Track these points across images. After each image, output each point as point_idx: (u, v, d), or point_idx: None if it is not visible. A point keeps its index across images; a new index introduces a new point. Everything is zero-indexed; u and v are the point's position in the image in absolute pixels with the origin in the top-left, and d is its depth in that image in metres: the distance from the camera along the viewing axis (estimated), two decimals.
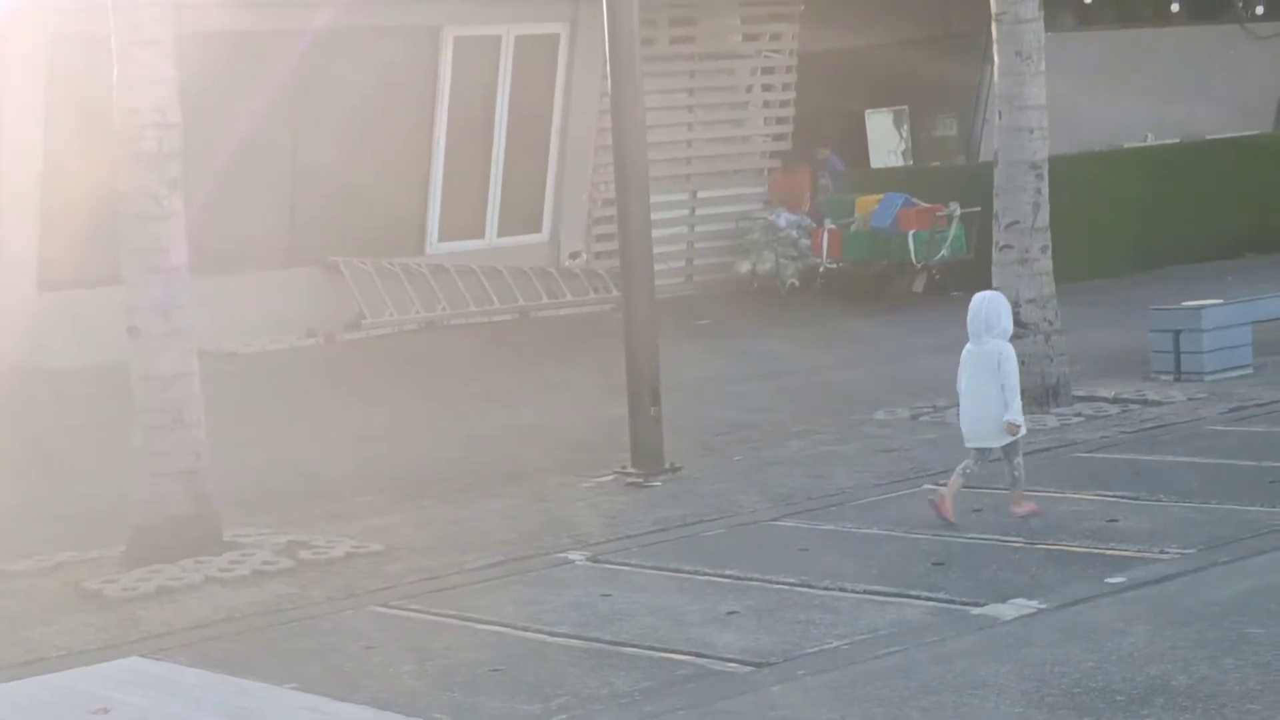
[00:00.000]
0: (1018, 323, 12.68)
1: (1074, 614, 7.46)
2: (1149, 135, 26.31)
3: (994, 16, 13.17)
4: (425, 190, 20.99)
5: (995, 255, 13.09)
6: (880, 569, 8.59)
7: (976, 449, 9.58)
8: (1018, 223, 12.93)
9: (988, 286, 19.40)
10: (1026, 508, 9.44)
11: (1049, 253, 12.98)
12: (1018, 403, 9.50)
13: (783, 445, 12.28)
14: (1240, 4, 28.45)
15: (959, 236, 20.93)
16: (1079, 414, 12.48)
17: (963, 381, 9.69)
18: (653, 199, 12.30)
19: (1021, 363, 12.57)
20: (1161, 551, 8.50)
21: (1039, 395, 12.68)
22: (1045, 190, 12.98)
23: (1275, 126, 28.77)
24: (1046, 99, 13.06)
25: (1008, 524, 9.33)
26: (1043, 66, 13.03)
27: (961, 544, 9.01)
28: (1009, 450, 9.49)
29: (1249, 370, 13.80)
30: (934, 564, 8.60)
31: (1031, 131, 12.97)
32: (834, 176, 23.92)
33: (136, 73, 9.67)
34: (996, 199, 13.15)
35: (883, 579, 8.36)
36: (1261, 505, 9.33)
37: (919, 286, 21.14)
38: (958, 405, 12.98)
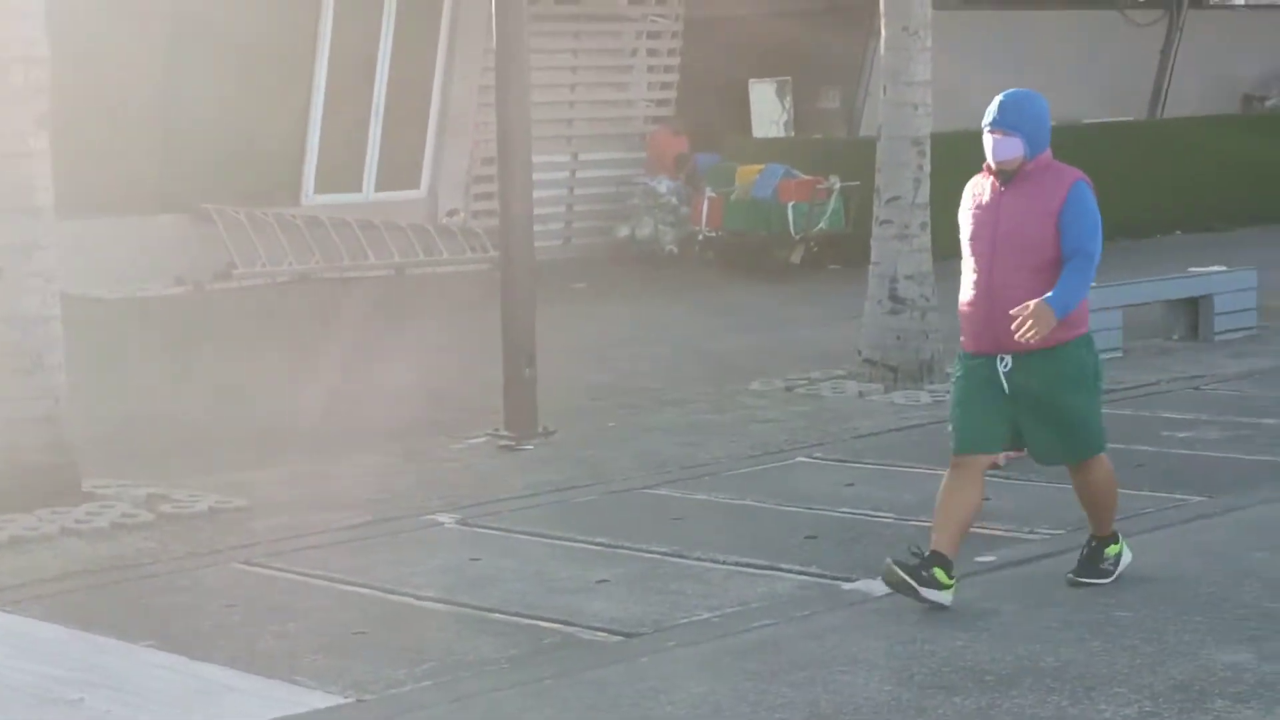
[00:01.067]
0: (894, 298, 12.79)
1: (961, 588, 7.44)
2: None
3: None
4: (303, 141, 20.65)
5: (875, 230, 13.10)
6: (753, 541, 8.54)
7: None
8: (898, 198, 12.94)
9: (865, 261, 19.54)
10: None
11: (928, 229, 13.00)
12: None
13: (658, 412, 12.21)
14: None
15: (838, 210, 20.94)
16: (950, 393, 12.47)
17: None
18: (534, 160, 12.15)
19: (896, 338, 12.74)
20: (1031, 531, 8.54)
21: (913, 372, 12.72)
22: (927, 167, 13.00)
23: (1150, 113, 29.09)
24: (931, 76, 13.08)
25: (879, 499, 9.33)
26: (929, 42, 13.04)
27: (834, 518, 8.99)
28: None
29: (1119, 353, 13.89)
30: (806, 538, 8.57)
31: (915, 107, 12.97)
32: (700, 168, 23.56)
33: (2, 3, 9.37)
34: (878, 173, 13.14)
35: (755, 551, 8.31)
36: (1128, 488, 9.31)
37: (796, 258, 21.13)
38: (833, 378, 13.11)
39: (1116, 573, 7.41)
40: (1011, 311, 7.00)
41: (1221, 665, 6.27)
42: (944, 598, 7.06)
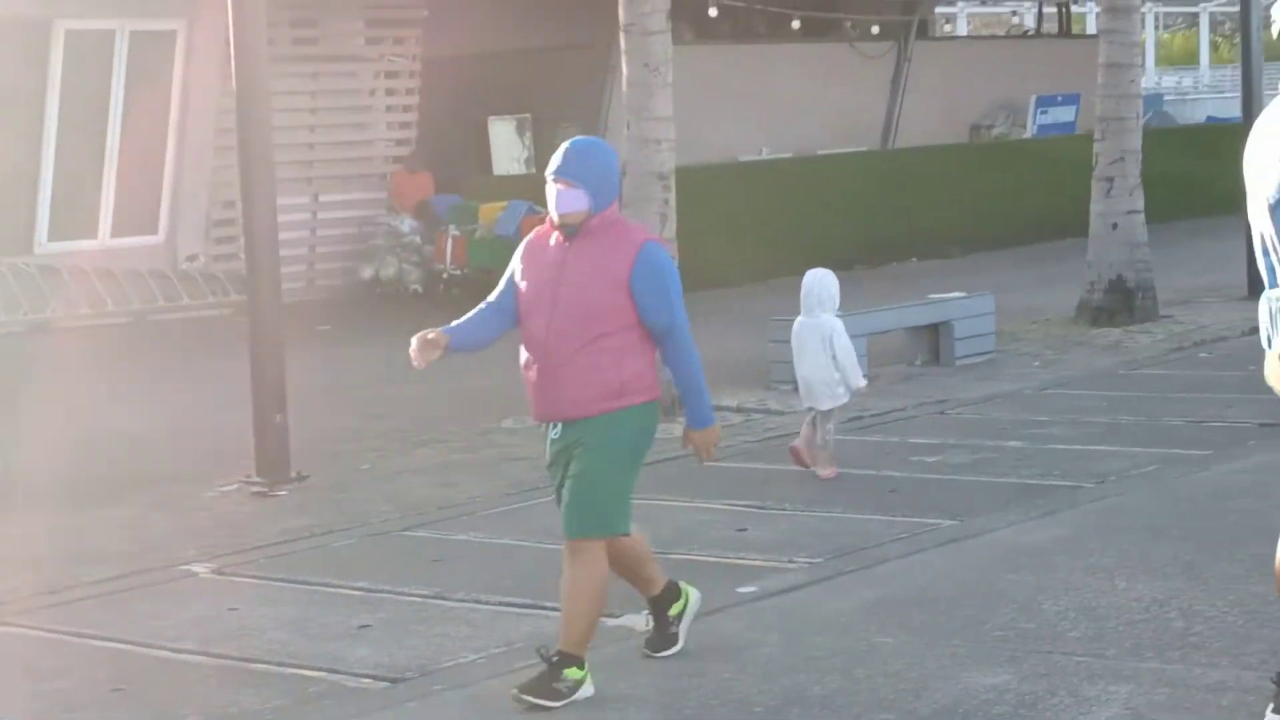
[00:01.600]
0: None
1: (708, 624, 7.48)
2: (764, 149, 26.90)
3: (622, 27, 13.24)
4: (34, 187, 20.16)
5: None
6: (515, 580, 8.51)
7: (814, 409, 10.58)
8: None
9: None
10: (829, 472, 10.47)
11: (676, 263, 13.05)
12: (857, 370, 10.68)
13: (411, 453, 12.11)
14: (849, 25, 29.32)
15: None
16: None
17: (795, 350, 10.65)
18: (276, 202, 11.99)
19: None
20: (790, 561, 8.63)
21: (667, 405, 12.73)
22: (672, 201, 13.11)
23: (882, 144, 29.75)
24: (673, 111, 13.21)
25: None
26: (670, 78, 13.16)
27: None
28: (826, 415, 10.48)
29: (864, 380, 14.10)
30: None
31: (659, 143, 13.08)
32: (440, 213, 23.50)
33: None
34: (625, 209, 13.16)
35: (518, 590, 8.28)
36: (882, 514, 9.56)
37: None
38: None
39: (568, 700, 6.45)
40: (684, 447, 6.74)
41: (983, 688, 6.39)
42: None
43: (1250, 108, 19.81)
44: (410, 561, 9.05)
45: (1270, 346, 5.50)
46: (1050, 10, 37.63)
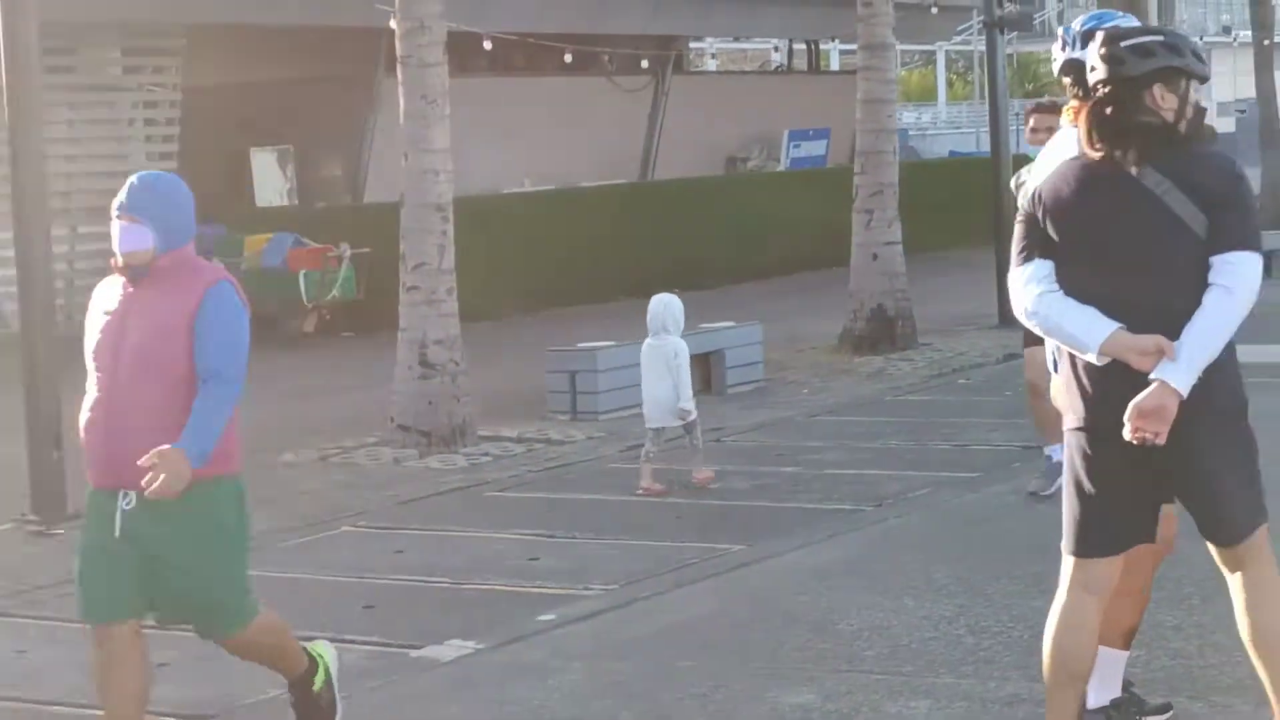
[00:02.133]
0: (425, 363, 12.91)
1: (512, 653, 7.57)
2: (526, 181, 27.06)
3: (399, 59, 13.28)
4: None
5: (403, 296, 13.17)
6: (311, 613, 8.45)
7: (653, 429, 11.05)
8: (424, 264, 13.06)
9: (378, 327, 19.58)
10: (704, 475, 11.04)
11: (455, 294, 13.16)
12: (689, 391, 11.05)
13: None
14: (608, 59, 29.64)
15: (349, 277, 20.97)
16: (486, 454, 12.69)
17: (643, 370, 11.16)
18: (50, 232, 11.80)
19: (429, 403, 12.85)
20: (585, 588, 8.73)
21: (447, 436, 12.84)
22: (451, 232, 13.17)
23: (641, 176, 30.11)
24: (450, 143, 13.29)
25: (431, 564, 9.39)
26: (447, 110, 13.23)
27: (388, 586, 9.02)
28: (689, 428, 11.02)
29: (639, 410, 14.30)
30: (365, 607, 8.58)
31: (437, 174, 13.14)
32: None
33: None
34: (403, 240, 13.24)
35: (315, 624, 8.22)
36: (671, 540, 9.72)
37: (310, 326, 21.05)
38: (366, 445, 13.14)
39: (336, 689, 6.36)
40: (140, 462, 5.63)
41: (789, 707, 6.56)
42: None
43: (998, 143, 20.51)
44: None
45: (1057, 371, 5.76)
46: (800, 47, 38.46)
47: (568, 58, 27.12)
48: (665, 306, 11.23)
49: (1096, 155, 5.16)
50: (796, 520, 10.04)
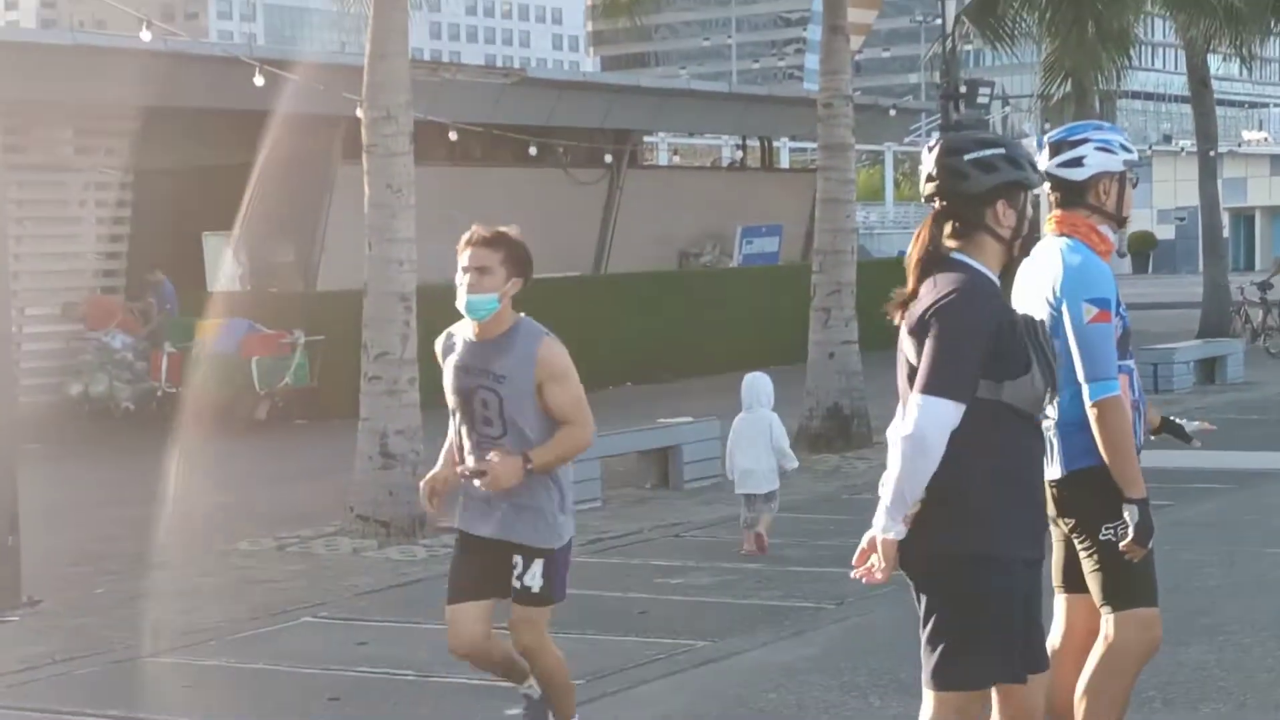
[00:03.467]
0: (385, 453, 12.85)
1: None
2: None
3: (365, 148, 13.30)
4: None
5: (364, 385, 13.13)
6: (275, 705, 8.40)
7: (745, 495, 12.07)
8: (387, 354, 13.03)
9: (331, 415, 19.55)
10: (753, 548, 11.94)
11: (416, 384, 13.13)
12: (790, 453, 12.25)
13: (146, 577, 11.83)
14: (561, 150, 29.76)
15: (303, 364, 20.92)
16: (446, 545, 12.49)
17: (734, 442, 12.13)
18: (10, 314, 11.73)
19: (389, 493, 12.78)
20: None
21: (406, 526, 12.77)
22: (413, 322, 13.15)
23: (594, 268, 30.19)
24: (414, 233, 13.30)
25: (396, 657, 9.31)
26: (413, 200, 13.26)
27: (354, 678, 8.92)
28: (769, 496, 12.06)
29: (598, 503, 14.31)
30: (330, 699, 8.48)
31: (401, 264, 13.14)
32: (166, 299, 23.37)
33: None
34: (366, 329, 13.20)
35: (279, 715, 8.19)
36: (635, 635, 9.68)
37: (262, 414, 20.96)
38: (324, 535, 13.04)
39: None
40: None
41: None
42: None
43: None
44: (162, 688, 8.85)
45: (1049, 476, 5.79)
46: (753, 144, 38.73)
47: (532, 150, 27.23)
48: (759, 383, 12.26)
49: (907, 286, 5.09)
50: (760, 617, 10.00)
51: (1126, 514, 5.54)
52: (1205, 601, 9.56)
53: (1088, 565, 5.80)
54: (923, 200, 5.16)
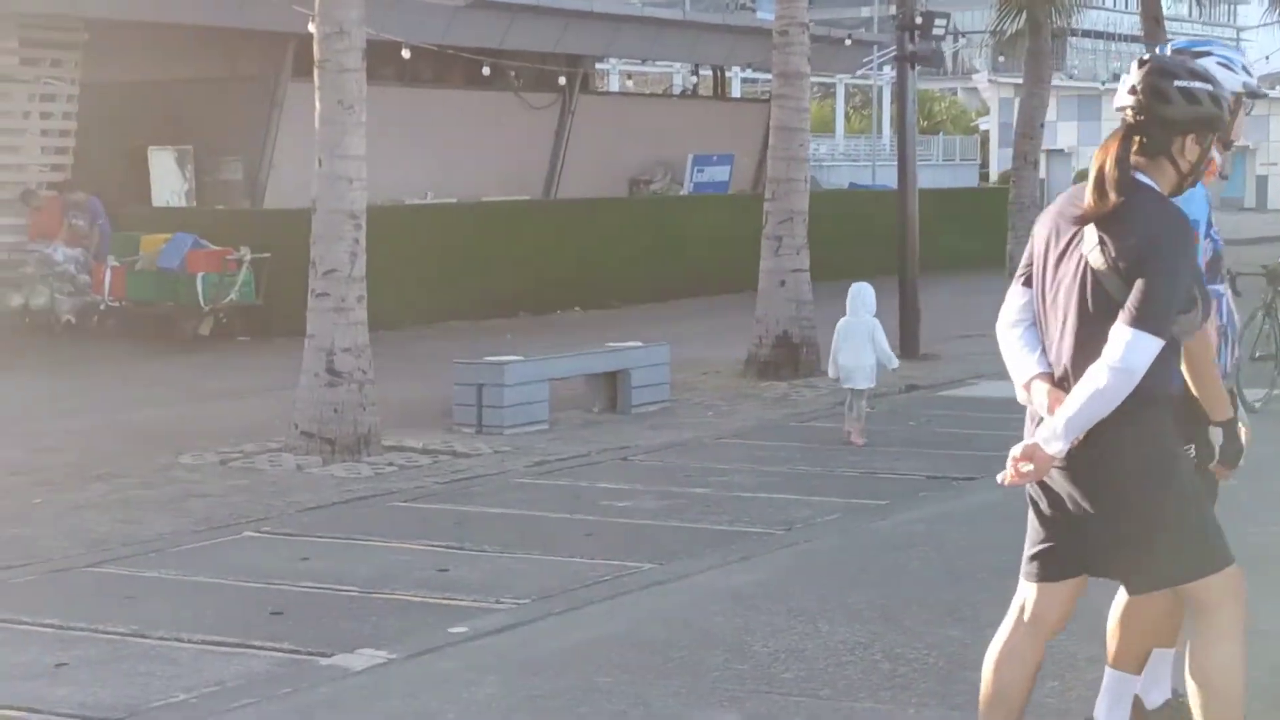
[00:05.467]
0: (332, 370, 12.74)
1: (424, 664, 7.44)
2: (429, 193, 26.89)
3: (317, 63, 13.11)
4: None
5: (311, 302, 12.98)
6: (216, 618, 8.30)
7: (851, 389, 13.40)
8: (335, 271, 12.89)
9: (276, 333, 19.45)
10: (861, 440, 13.29)
11: (364, 302, 13.00)
12: (891, 354, 13.67)
13: (86, 488, 11.71)
14: (514, 74, 29.51)
15: (248, 282, 20.72)
16: (391, 464, 12.53)
17: (839, 342, 13.47)
18: None
19: (334, 411, 12.68)
20: (497, 601, 8.60)
21: (351, 444, 12.67)
22: (363, 240, 13.01)
23: (545, 193, 30.00)
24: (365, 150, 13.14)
25: (339, 572, 9.23)
26: (364, 117, 13.08)
27: (297, 593, 8.83)
28: (860, 394, 13.41)
29: (545, 426, 14.25)
30: (272, 613, 8.39)
31: (351, 181, 12.98)
32: (96, 215, 22.83)
33: None
34: (314, 246, 13.05)
35: (220, 628, 8.09)
36: (581, 556, 9.62)
37: (206, 330, 20.77)
38: (268, 450, 12.94)
39: None
40: None
41: None
42: None
43: (905, 176, 20.57)
44: (101, 598, 8.75)
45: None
46: (706, 74, 38.54)
47: (485, 70, 27.00)
48: (862, 290, 13.54)
49: (1090, 206, 4.99)
50: (708, 541, 9.97)
51: (1212, 436, 5.43)
52: None
53: None
54: (1115, 109, 5.10)
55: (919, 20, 19.89)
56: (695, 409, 15.53)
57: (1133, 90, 5.04)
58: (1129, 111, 5.05)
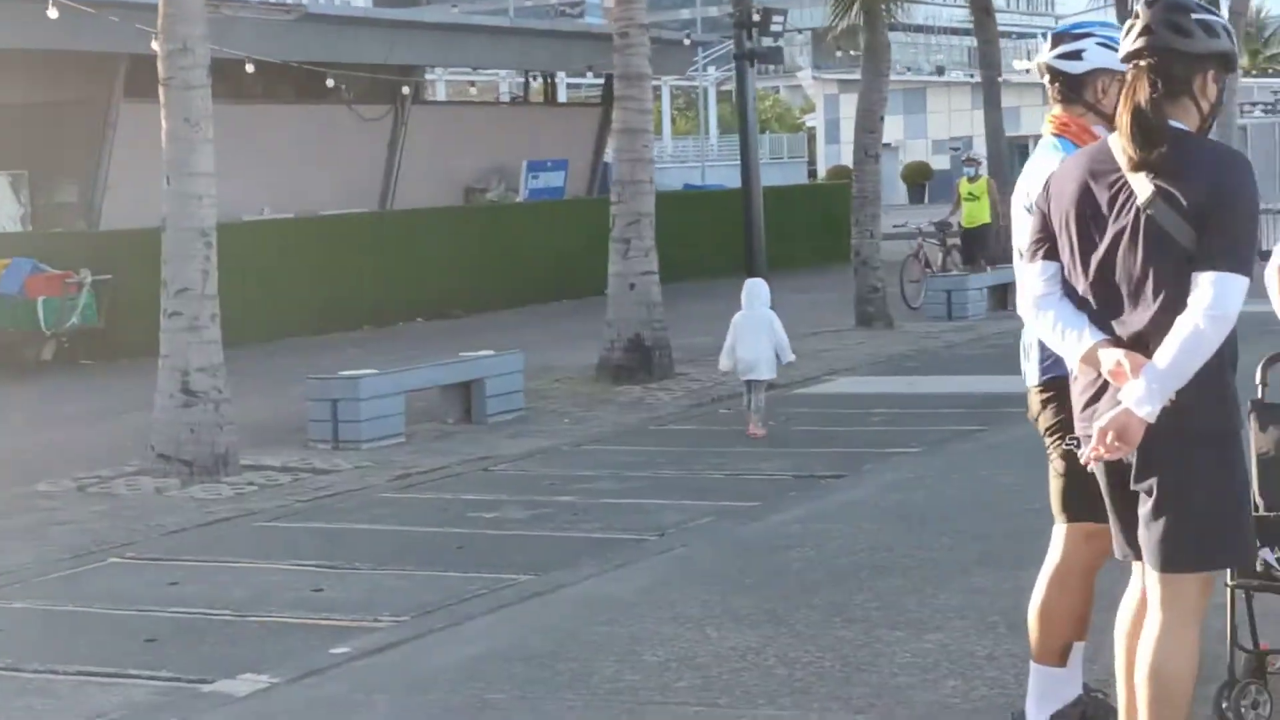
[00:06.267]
0: (187, 391, 12.54)
1: (310, 686, 7.32)
2: (266, 209, 26.57)
3: (161, 81, 12.88)
4: None
5: (164, 322, 12.75)
6: (90, 648, 8.12)
7: (749, 381, 13.74)
8: (187, 290, 12.68)
9: (121, 355, 19.11)
10: (761, 431, 13.68)
11: (218, 320, 12.80)
12: (788, 346, 13.86)
13: None
14: (344, 88, 29.24)
15: (90, 304, 20.34)
16: (251, 483, 12.35)
17: (737, 336, 13.74)
18: None
19: (191, 431, 12.47)
20: (376, 620, 8.49)
21: (210, 465, 12.47)
22: (214, 258, 12.82)
23: (381, 205, 29.78)
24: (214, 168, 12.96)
25: (210, 596, 9.07)
26: (211, 134, 12.89)
27: (169, 619, 8.66)
28: (759, 385, 13.78)
29: (402, 439, 14.12)
30: (147, 640, 8.22)
31: (200, 199, 12.78)
32: None
33: None
34: (165, 265, 12.82)
35: (96, 658, 7.91)
36: (456, 570, 9.54)
37: (48, 355, 20.35)
38: (124, 474, 12.69)
39: None
40: None
41: None
42: None
43: (749, 175, 20.70)
44: None
45: (1025, 380, 5.77)
46: (536, 80, 38.52)
47: (330, 83, 26.74)
48: (757, 285, 13.95)
49: (1134, 157, 4.76)
50: (581, 550, 9.91)
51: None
52: (1037, 524, 9.64)
53: (1050, 472, 5.73)
54: (1121, 58, 4.90)
55: (757, 18, 20.00)
56: (551, 416, 15.48)
57: (1147, 30, 4.82)
58: (1140, 56, 4.82)
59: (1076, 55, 5.59)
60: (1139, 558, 5.01)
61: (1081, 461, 4.99)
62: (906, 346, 20.35)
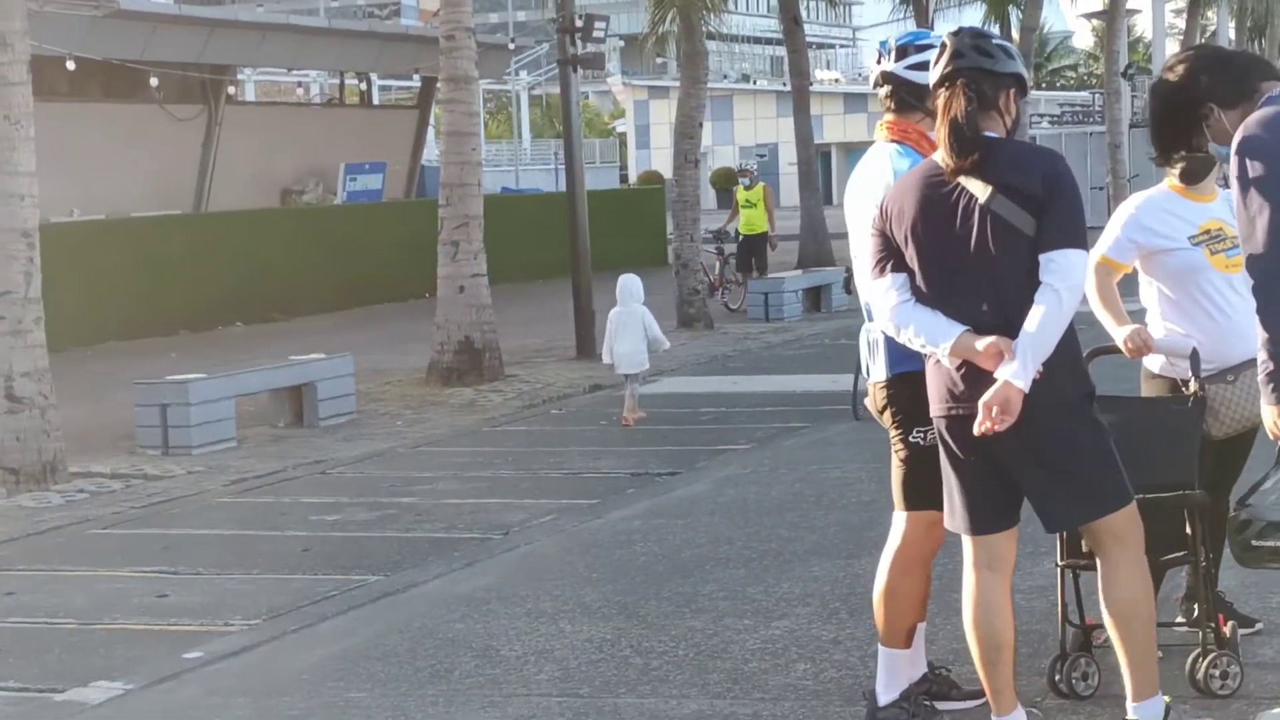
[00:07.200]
0: (11, 397, 12.26)
1: (165, 692, 7.22)
2: (75, 211, 26.07)
3: None
4: None
5: None
6: None
7: (625, 374, 14.48)
8: (10, 293, 12.42)
9: None
10: (638, 415, 14.36)
11: (42, 324, 12.54)
12: (661, 336, 14.59)
13: None
14: (155, 87, 28.80)
15: None
16: (82, 490, 12.12)
17: (613, 331, 14.46)
18: None
19: (17, 439, 12.21)
20: (226, 624, 8.38)
21: (38, 473, 12.21)
22: (38, 260, 12.56)
23: (195, 206, 29.37)
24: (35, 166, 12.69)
25: (51, 605, 8.89)
26: (33, 132, 12.64)
27: (9, 629, 8.47)
28: (635, 377, 14.53)
29: (234, 443, 13.95)
30: None
31: (23, 198, 12.54)
32: None
33: None
34: None
35: None
36: (304, 573, 9.45)
37: None
38: None
39: None
40: None
41: None
42: None
43: (573, 179, 20.73)
44: None
45: (870, 376, 5.88)
46: (343, 81, 38.24)
47: (154, 81, 26.28)
48: (630, 281, 14.51)
49: (952, 164, 5.27)
50: (428, 550, 9.88)
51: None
52: (866, 515, 9.81)
53: (894, 463, 5.95)
54: (933, 83, 5.39)
55: (580, 24, 20.04)
56: (384, 419, 15.38)
57: (957, 54, 5.32)
58: (949, 81, 5.32)
59: (925, 66, 5.82)
60: (982, 531, 5.40)
61: (975, 434, 5.24)
62: (728, 347, 20.53)
